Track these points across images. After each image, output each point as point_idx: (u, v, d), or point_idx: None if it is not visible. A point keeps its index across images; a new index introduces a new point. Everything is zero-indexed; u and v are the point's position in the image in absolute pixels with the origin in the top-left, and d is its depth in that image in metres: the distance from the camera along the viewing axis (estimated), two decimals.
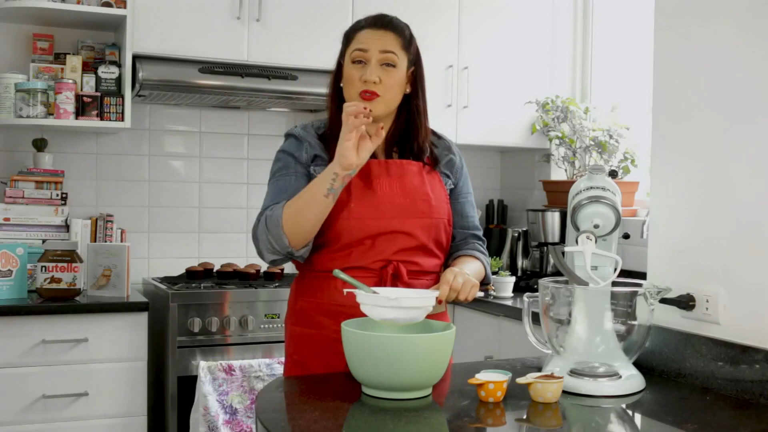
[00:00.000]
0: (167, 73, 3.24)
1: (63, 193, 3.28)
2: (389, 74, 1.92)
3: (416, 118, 2.00)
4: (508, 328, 3.10)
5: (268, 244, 1.87)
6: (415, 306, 1.66)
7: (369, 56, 1.91)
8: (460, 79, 3.73)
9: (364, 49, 1.91)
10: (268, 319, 3.17)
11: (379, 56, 1.91)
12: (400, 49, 1.94)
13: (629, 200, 3.51)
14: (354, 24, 2.00)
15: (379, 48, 1.91)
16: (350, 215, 1.89)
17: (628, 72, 3.80)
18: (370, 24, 1.95)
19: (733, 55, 1.77)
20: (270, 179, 2.00)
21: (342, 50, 1.99)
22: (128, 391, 2.98)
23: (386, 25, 1.95)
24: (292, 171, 1.96)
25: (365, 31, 1.94)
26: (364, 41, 1.93)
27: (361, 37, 1.94)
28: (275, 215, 1.85)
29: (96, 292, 3.13)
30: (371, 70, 1.90)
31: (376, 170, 1.95)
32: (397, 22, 1.97)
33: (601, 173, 1.84)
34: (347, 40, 1.98)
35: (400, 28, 1.96)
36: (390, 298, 1.63)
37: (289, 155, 1.98)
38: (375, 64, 1.91)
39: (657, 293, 1.73)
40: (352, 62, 1.93)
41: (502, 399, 1.57)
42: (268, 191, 1.98)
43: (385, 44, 1.92)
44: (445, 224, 2.01)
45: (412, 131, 2.00)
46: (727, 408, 1.62)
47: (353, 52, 1.93)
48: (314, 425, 1.44)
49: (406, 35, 1.96)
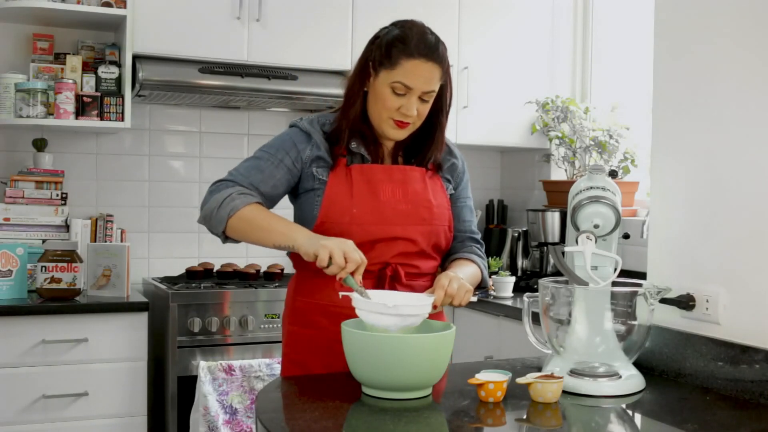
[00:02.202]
0: (167, 73, 3.24)
1: (63, 193, 3.28)
2: (425, 106, 1.91)
3: (436, 132, 1.99)
4: (508, 328, 3.10)
5: (209, 215, 1.86)
6: (412, 314, 1.66)
7: (412, 92, 1.87)
8: (460, 79, 3.73)
9: (410, 87, 1.86)
10: (268, 319, 3.17)
11: (422, 93, 1.88)
12: (439, 81, 1.91)
13: (629, 200, 3.51)
14: (398, 38, 1.87)
15: (424, 88, 1.87)
16: (353, 221, 1.89)
17: (628, 72, 3.80)
18: (420, 53, 1.85)
19: (733, 55, 1.77)
20: (261, 147, 1.98)
21: (377, 60, 1.89)
22: (128, 391, 2.98)
23: (434, 57, 1.87)
24: (278, 159, 1.93)
25: (415, 62, 1.85)
26: (412, 78, 1.85)
27: (410, 69, 1.85)
28: (234, 205, 1.84)
29: (96, 292, 3.13)
30: (412, 106, 1.87)
31: (380, 175, 1.94)
32: (442, 50, 1.90)
33: (601, 173, 1.84)
34: (390, 59, 1.86)
35: (444, 57, 1.90)
36: (387, 305, 1.63)
37: (292, 145, 1.95)
38: (416, 98, 1.88)
39: (657, 293, 1.73)
40: (392, 89, 1.87)
41: (502, 399, 1.57)
42: (247, 160, 1.96)
43: (431, 83, 1.88)
44: (446, 230, 2.01)
45: (428, 144, 2.00)
46: (727, 408, 1.62)
47: (396, 83, 1.86)
48: (314, 425, 1.44)
49: (446, 64, 1.91)
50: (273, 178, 1.92)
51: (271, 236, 1.81)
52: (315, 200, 1.93)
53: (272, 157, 1.94)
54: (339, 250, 1.71)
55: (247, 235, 1.85)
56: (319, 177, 1.93)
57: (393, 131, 1.92)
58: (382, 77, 1.88)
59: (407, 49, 1.86)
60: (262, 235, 1.83)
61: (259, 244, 1.85)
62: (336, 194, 1.91)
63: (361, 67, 1.93)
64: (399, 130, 1.92)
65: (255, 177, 1.91)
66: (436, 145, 2.00)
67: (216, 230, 1.87)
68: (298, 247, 1.77)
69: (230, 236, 1.88)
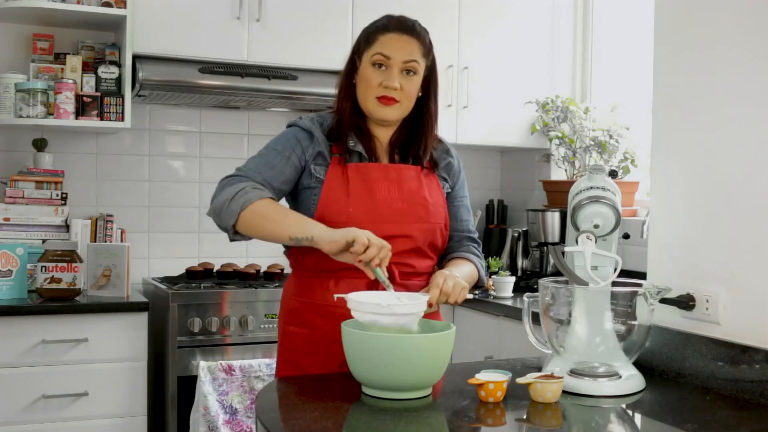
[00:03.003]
0: (167, 73, 3.24)
1: (63, 193, 3.28)
2: (410, 82, 1.92)
3: (426, 121, 1.99)
4: (508, 328, 3.10)
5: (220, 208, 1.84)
6: (408, 312, 1.65)
7: (392, 63, 1.90)
8: (460, 79, 3.73)
9: (388, 56, 1.90)
10: (268, 319, 3.17)
11: (402, 64, 1.90)
12: (421, 56, 1.93)
13: (629, 200, 3.51)
14: (377, 24, 1.97)
15: (403, 57, 1.90)
16: (349, 219, 1.88)
17: (628, 72, 3.80)
18: (395, 28, 1.93)
19: (733, 55, 1.77)
20: (266, 146, 1.98)
21: (360, 47, 1.97)
22: (128, 391, 2.98)
23: (410, 31, 1.93)
24: (286, 156, 1.94)
25: (390, 35, 1.92)
26: (389, 47, 1.91)
27: (385, 41, 1.92)
28: (248, 198, 1.82)
29: (96, 292, 3.13)
30: (393, 77, 1.90)
31: (376, 174, 1.95)
32: (419, 28, 1.96)
33: (601, 173, 1.84)
34: (368, 40, 1.95)
35: (423, 35, 1.95)
36: (382, 305, 1.62)
37: (297, 142, 1.95)
38: (397, 71, 1.90)
39: (657, 293, 1.73)
40: (372, 65, 1.91)
41: (502, 399, 1.57)
42: (257, 156, 1.96)
43: (410, 53, 1.91)
44: (442, 228, 2.01)
45: (419, 135, 2.00)
46: (727, 408, 1.62)
47: (375, 56, 1.91)
48: (314, 425, 1.44)
49: (427, 42, 1.96)
50: (283, 175, 1.93)
51: (287, 229, 1.80)
52: (312, 198, 1.93)
53: (280, 154, 1.94)
54: (372, 235, 1.73)
55: (260, 229, 1.83)
56: (317, 175, 1.93)
57: (380, 110, 1.93)
58: (364, 60, 1.94)
59: (383, 25, 1.95)
60: (276, 228, 1.81)
61: (272, 237, 1.84)
62: (332, 193, 1.91)
63: (349, 62, 2.00)
64: (386, 107, 1.92)
65: (266, 173, 1.91)
66: (427, 134, 2.00)
67: (226, 223, 1.85)
68: (317, 239, 1.76)
69: (240, 231, 1.86)
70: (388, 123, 1.97)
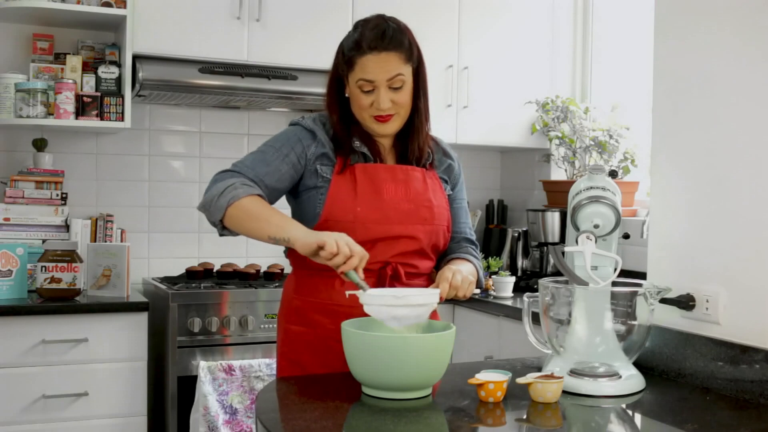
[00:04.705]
0: (167, 73, 3.24)
1: (63, 193, 3.28)
2: (400, 94, 1.90)
3: (416, 118, 1.98)
4: (508, 328, 3.10)
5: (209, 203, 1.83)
6: (423, 303, 1.66)
7: (377, 84, 1.88)
8: (460, 79, 3.73)
9: (371, 80, 1.87)
10: (268, 319, 3.17)
11: (387, 83, 1.88)
12: (404, 65, 1.90)
13: (629, 200, 3.51)
14: (353, 45, 1.89)
15: (386, 76, 1.87)
16: (356, 219, 1.88)
17: (628, 72, 3.80)
18: (371, 47, 1.86)
19: (733, 55, 1.77)
20: (265, 143, 1.98)
21: (342, 68, 1.92)
22: (128, 391, 2.98)
23: (387, 46, 1.87)
24: (284, 154, 1.93)
25: (368, 57, 1.87)
26: (370, 71, 1.87)
27: (364, 64, 1.87)
28: (236, 194, 1.81)
29: (96, 292, 3.13)
30: (381, 99, 1.88)
31: (383, 175, 1.94)
32: (395, 35, 1.89)
33: (601, 173, 1.84)
34: (348, 63, 1.90)
35: (400, 42, 1.89)
36: (397, 296, 1.63)
37: (297, 141, 1.95)
38: (384, 90, 1.88)
39: (657, 293, 1.73)
40: (359, 89, 1.89)
41: (502, 399, 1.57)
42: (253, 153, 1.96)
43: (391, 70, 1.87)
44: (444, 231, 2.01)
45: (411, 132, 1.99)
46: (727, 408, 1.62)
47: (359, 81, 1.88)
48: (314, 425, 1.44)
49: (406, 46, 1.90)
50: (278, 172, 1.92)
51: (267, 228, 1.78)
52: (318, 198, 1.93)
53: (278, 152, 1.93)
54: (342, 241, 1.70)
55: (243, 225, 1.82)
56: (323, 175, 1.93)
57: (378, 127, 1.93)
58: (350, 81, 1.92)
59: (359, 48, 1.89)
60: (257, 226, 1.80)
61: (254, 235, 1.82)
62: (340, 192, 1.91)
63: (333, 76, 1.97)
64: (383, 124, 1.92)
65: (261, 169, 1.91)
66: (417, 132, 1.98)
67: (214, 218, 1.84)
68: (293, 241, 1.74)
69: (228, 226, 1.85)
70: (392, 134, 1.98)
